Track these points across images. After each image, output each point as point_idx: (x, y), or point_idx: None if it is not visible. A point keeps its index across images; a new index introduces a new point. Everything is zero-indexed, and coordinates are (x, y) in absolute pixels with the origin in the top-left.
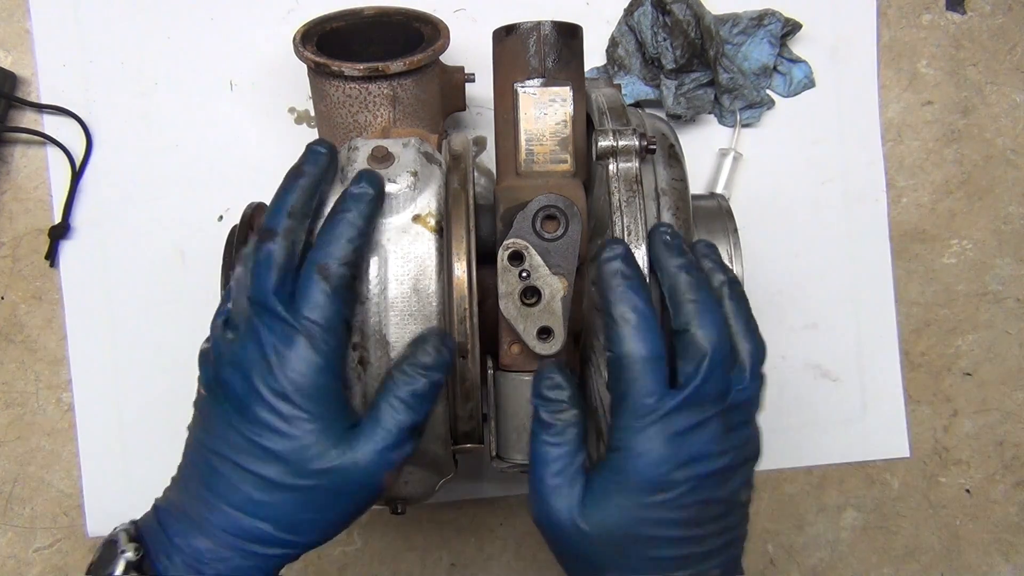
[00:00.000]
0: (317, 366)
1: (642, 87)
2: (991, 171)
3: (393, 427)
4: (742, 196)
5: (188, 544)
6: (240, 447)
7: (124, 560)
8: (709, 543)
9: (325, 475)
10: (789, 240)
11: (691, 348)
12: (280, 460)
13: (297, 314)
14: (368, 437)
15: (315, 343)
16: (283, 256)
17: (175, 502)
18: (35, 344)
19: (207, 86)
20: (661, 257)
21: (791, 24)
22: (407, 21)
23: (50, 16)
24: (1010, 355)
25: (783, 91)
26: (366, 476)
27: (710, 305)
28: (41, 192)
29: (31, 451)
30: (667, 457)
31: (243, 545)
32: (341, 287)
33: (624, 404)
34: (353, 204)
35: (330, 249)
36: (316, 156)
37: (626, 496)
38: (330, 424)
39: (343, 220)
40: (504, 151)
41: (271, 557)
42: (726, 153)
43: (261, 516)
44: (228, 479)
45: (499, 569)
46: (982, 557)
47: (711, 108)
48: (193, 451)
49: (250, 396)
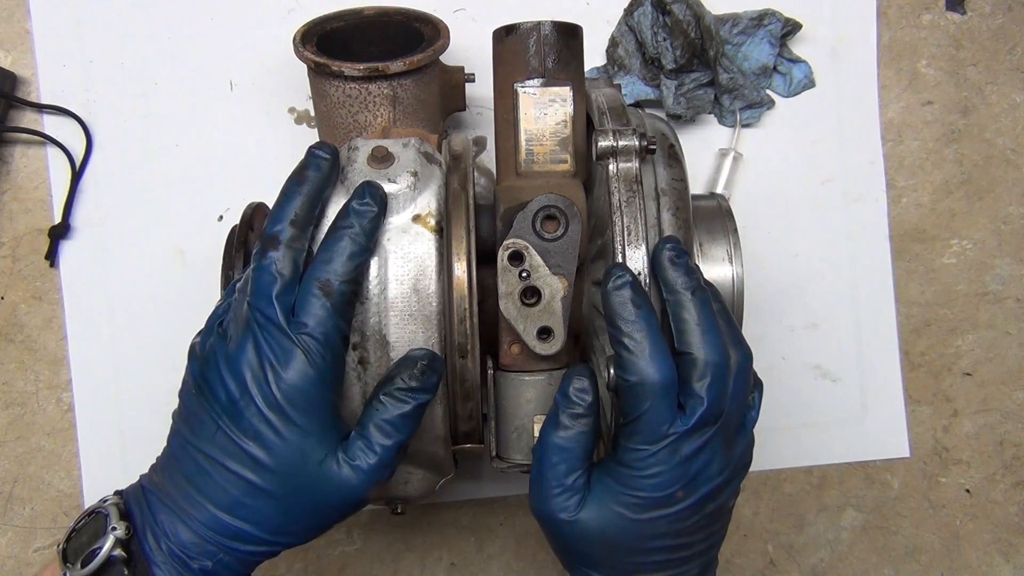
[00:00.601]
0: (312, 379)
1: (642, 87)
2: (991, 171)
3: (380, 449)
4: (742, 196)
5: (174, 532)
6: (228, 450)
7: (113, 537)
8: (695, 548)
9: (311, 487)
10: (789, 240)
11: (695, 371)
12: (268, 468)
13: (297, 327)
14: (355, 456)
15: (312, 358)
16: (286, 266)
17: (160, 486)
18: (35, 344)
19: (207, 86)
20: (668, 276)
21: (791, 24)
22: (407, 21)
23: (50, 16)
24: (1010, 355)
25: (783, 91)
26: (351, 492)
27: (712, 324)
28: (41, 192)
29: (31, 451)
30: (674, 480)
31: (226, 542)
32: (341, 304)
33: (637, 427)
34: (356, 220)
35: (333, 266)
36: (319, 161)
37: (628, 508)
38: (320, 437)
39: (345, 236)
40: (504, 151)
41: (254, 553)
42: (726, 153)
43: (245, 518)
44: (214, 480)
45: (499, 569)
46: (982, 557)
47: (711, 108)
48: (179, 445)
49: (243, 402)
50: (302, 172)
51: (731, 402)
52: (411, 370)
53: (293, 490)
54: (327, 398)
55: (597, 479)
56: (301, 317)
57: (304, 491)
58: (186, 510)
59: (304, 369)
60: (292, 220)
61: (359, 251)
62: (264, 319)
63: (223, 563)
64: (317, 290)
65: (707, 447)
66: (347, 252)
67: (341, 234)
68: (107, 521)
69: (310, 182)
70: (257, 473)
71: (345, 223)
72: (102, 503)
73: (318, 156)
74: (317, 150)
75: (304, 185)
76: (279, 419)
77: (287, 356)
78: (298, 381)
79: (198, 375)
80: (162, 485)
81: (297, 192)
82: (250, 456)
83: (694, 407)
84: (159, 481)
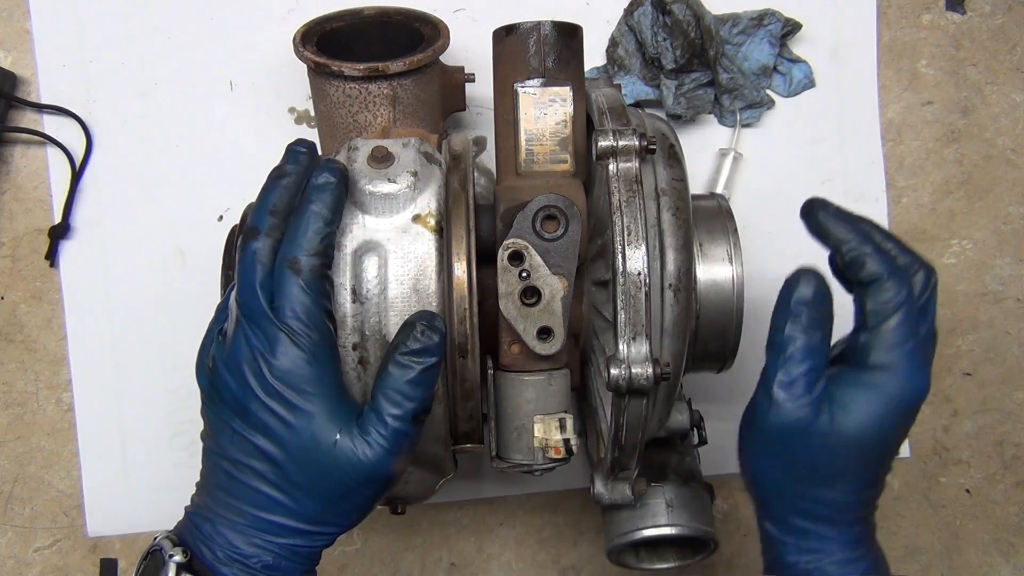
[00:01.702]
0: (303, 361)
1: (642, 87)
2: (991, 171)
3: (391, 419)
4: (742, 196)
5: (226, 540)
6: (245, 449)
7: (175, 564)
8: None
9: (331, 469)
10: (789, 240)
11: (890, 290)
12: (284, 458)
13: (278, 312)
14: (368, 430)
15: (297, 339)
16: (266, 254)
17: (204, 505)
18: (35, 344)
19: (207, 86)
20: (834, 229)
21: (791, 24)
22: (407, 21)
23: (50, 16)
24: (1010, 355)
25: (783, 91)
26: (373, 468)
27: (889, 251)
28: (41, 192)
29: (31, 451)
30: (924, 379)
31: (276, 540)
32: (313, 279)
33: (889, 325)
34: (316, 195)
35: (299, 242)
36: (296, 155)
37: (884, 408)
38: (328, 418)
39: (307, 212)
40: (504, 151)
41: (306, 547)
42: (726, 153)
43: (281, 512)
44: (242, 482)
45: (499, 569)
46: (982, 557)
47: (711, 108)
48: (207, 459)
49: (245, 398)
50: (281, 167)
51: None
52: (411, 333)
53: (315, 476)
54: (325, 378)
55: (841, 384)
56: (279, 300)
57: (326, 475)
58: (229, 518)
59: (292, 352)
60: (271, 211)
61: (323, 224)
62: (250, 310)
63: (281, 559)
64: (287, 270)
65: (931, 347)
66: (311, 227)
67: (303, 212)
68: (163, 553)
69: (289, 175)
70: (276, 464)
71: (307, 199)
72: (154, 541)
73: (296, 151)
74: (295, 146)
75: (284, 179)
76: (281, 407)
77: (273, 342)
78: (289, 365)
79: (207, 385)
80: (203, 503)
81: (276, 185)
82: (264, 450)
83: (925, 306)
84: (200, 501)
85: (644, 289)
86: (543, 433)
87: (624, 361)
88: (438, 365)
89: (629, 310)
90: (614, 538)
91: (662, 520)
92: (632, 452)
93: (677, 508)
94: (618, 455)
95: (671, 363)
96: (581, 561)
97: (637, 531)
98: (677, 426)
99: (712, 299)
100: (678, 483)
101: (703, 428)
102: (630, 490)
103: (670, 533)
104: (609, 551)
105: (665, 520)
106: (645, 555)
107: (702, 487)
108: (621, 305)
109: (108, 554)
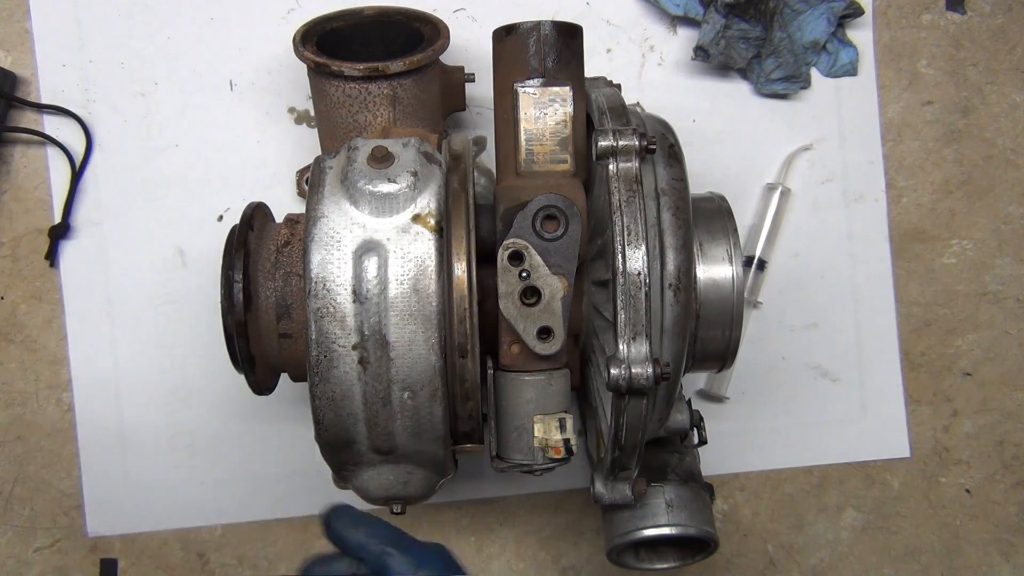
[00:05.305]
0: None
1: (696, 4)
2: (991, 171)
3: None
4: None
5: None
6: None
7: None
8: None
9: None
10: (789, 240)
11: None
12: None
13: None
14: None
15: None
16: None
17: None
18: (35, 344)
19: (207, 86)
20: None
21: (854, 7)
22: (407, 21)
23: (50, 16)
24: (1010, 355)
25: (824, 70)
26: None
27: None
28: (41, 192)
29: (31, 451)
30: None
31: None
32: None
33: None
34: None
35: None
36: None
37: None
38: None
39: None
40: (504, 151)
41: None
42: (774, 188)
43: None
44: None
45: (499, 569)
46: (982, 557)
47: (743, 65)
48: None
49: None
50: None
51: None
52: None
53: None
54: None
55: None
56: None
57: None
58: None
59: None
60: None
61: None
62: None
63: None
64: None
65: None
66: None
67: None
68: None
69: None
70: None
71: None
72: None
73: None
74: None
75: None
76: None
77: None
78: None
79: None
80: None
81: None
82: None
83: None
84: None
85: (644, 289)
86: (543, 433)
87: (624, 361)
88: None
89: (629, 310)
90: (614, 538)
91: (662, 520)
92: (632, 452)
93: (677, 508)
94: (618, 455)
95: (671, 363)
96: (581, 561)
97: (637, 531)
98: (677, 426)
99: (712, 299)
100: (678, 483)
101: (703, 428)
102: (630, 490)
103: (670, 533)
104: (609, 551)
105: (665, 520)
106: (645, 555)
107: (702, 487)
108: (621, 305)
109: (108, 554)
